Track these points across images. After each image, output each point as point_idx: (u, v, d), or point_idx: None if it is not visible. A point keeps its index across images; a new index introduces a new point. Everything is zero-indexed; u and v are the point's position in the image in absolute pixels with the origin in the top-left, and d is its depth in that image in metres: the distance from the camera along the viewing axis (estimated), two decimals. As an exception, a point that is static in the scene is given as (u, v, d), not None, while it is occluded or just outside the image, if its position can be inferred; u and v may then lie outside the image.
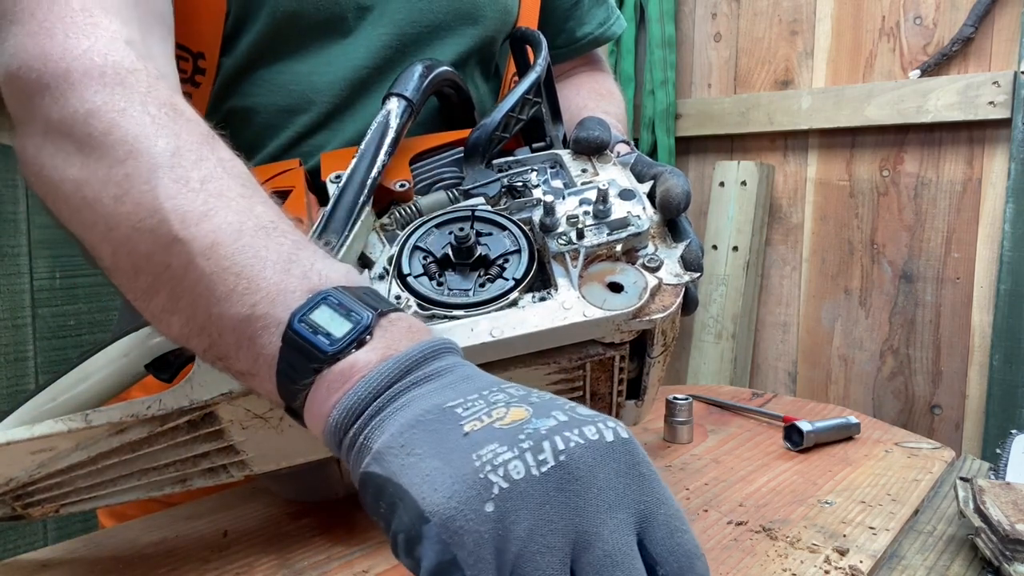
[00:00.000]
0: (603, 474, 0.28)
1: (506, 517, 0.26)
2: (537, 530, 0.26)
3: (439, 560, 0.26)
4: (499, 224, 0.48)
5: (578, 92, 0.80)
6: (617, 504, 0.27)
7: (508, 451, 0.27)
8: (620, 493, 0.28)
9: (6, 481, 0.45)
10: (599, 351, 0.45)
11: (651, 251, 0.46)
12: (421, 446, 0.28)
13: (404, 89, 0.55)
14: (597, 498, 0.27)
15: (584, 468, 0.27)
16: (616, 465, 0.28)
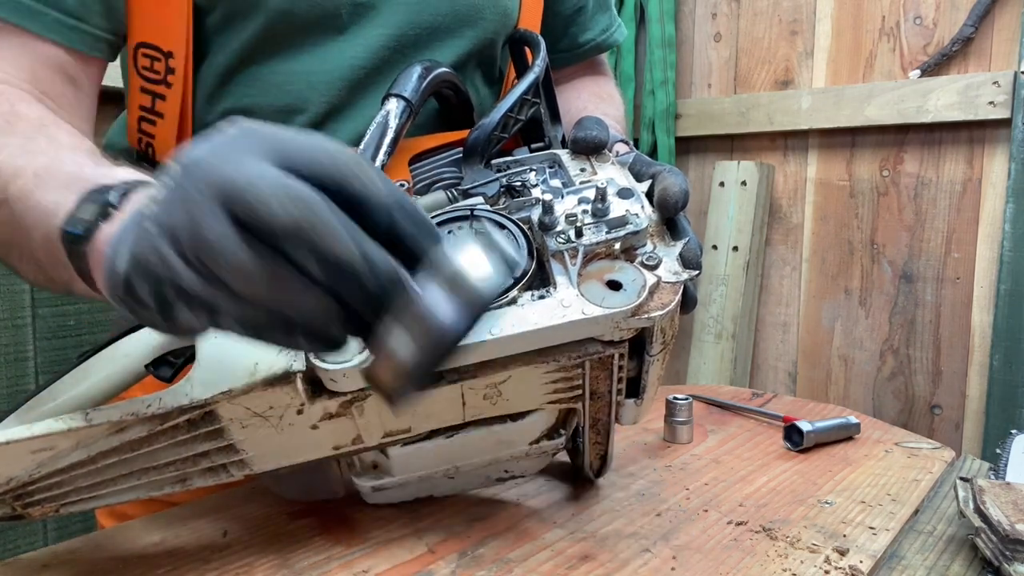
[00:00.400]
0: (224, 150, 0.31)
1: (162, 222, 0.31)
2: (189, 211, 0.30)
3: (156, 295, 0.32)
4: (498, 223, 0.48)
5: (579, 96, 0.80)
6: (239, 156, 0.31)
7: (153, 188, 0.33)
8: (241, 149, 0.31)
9: (6, 480, 0.45)
10: (598, 349, 0.45)
11: (650, 249, 0.46)
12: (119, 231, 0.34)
13: (403, 90, 0.55)
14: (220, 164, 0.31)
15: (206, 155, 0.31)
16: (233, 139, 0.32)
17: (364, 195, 0.31)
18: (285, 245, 0.30)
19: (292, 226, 0.29)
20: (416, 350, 0.30)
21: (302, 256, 0.30)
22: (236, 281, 0.30)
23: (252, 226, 0.29)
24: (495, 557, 0.48)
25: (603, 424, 0.53)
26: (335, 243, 0.30)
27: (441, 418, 0.47)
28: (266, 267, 0.30)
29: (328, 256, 0.30)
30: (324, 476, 0.54)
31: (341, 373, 0.41)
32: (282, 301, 0.31)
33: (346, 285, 0.30)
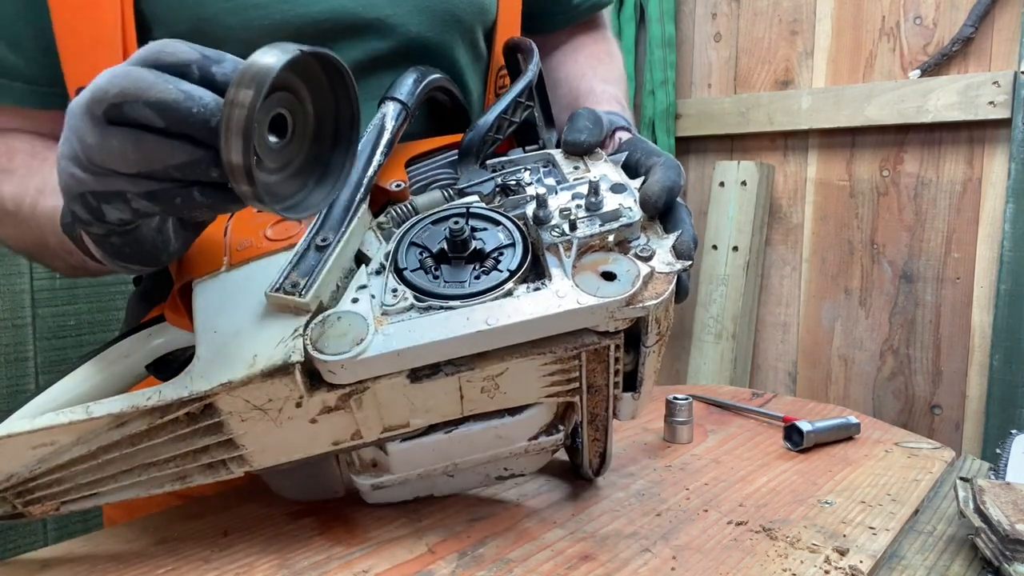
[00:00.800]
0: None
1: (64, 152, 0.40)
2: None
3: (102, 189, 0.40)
4: (493, 220, 0.49)
5: (575, 60, 0.81)
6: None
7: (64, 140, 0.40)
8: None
9: (7, 477, 0.45)
10: (594, 340, 0.45)
11: (643, 241, 0.47)
12: None
13: (399, 93, 0.56)
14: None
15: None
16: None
17: (182, 59, 0.37)
18: (126, 112, 0.36)
19: (119, 94, 0.36)
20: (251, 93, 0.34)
21: (143, 115, 0.36)
22: (117, 164, 0.37)
23: (107, 113, 0.37)
24: (495, 557, 0.48)
25: (601, 420, 0.53)
26: (157, 92, 0.36)
27: (439, 412, 0.47)
28: (127, 139, 0.36)
29: (156, 103, 0.36)
30: (324, 475, 0.54)
31: (339, 364, 0.41)
32: (155, 160, 0.37)
33: (185, 122, 0.36)
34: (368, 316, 0.43)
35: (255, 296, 0.45)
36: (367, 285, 0.46)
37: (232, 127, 0.34)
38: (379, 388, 0.44)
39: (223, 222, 0.52)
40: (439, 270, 0.46)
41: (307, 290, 0.44)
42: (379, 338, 0.42)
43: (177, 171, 0.37)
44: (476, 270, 0.46)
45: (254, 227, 0.51)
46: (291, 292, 0.44)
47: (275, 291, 0.44)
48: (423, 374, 0.44)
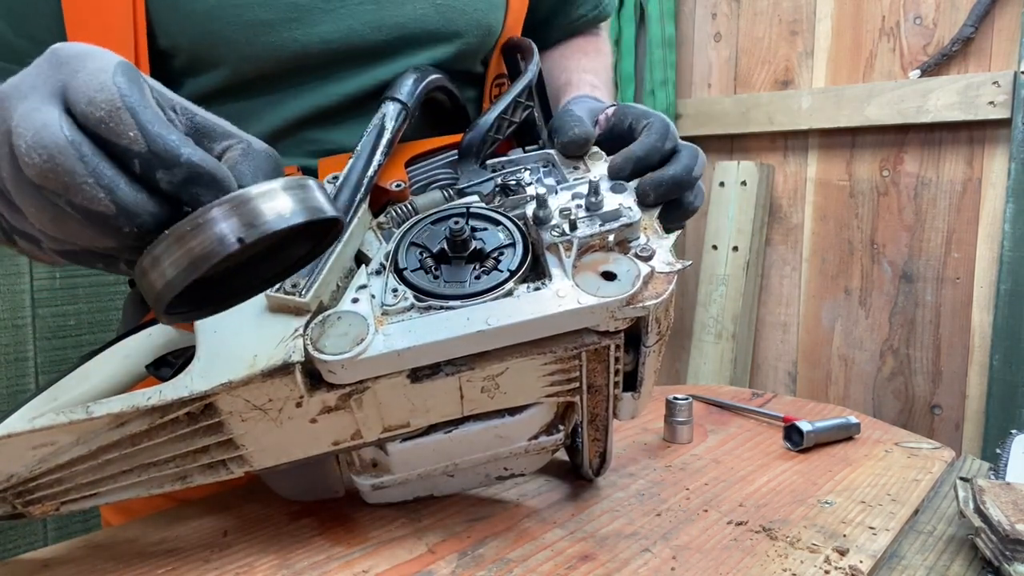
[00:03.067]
0: (24, 83, 0.34)
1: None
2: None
3: None
4: (493, 220, 0.49)
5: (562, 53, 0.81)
6: (28, 94, 0.33)
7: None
8: (35, 86, 0.33)
9: (7, 477, 0.45)
10: (594, 340, 0.45)
11: (643, 241, 0.47)
12: None
13: (399, 93, 0.56)
14: (15, 99, 0.33)
15: (10, 89, 0.34)
16: (38, 71, 0.34)
17: (122, 142, 0.32)
18: (44, 193, 0.32)
19: (40, 177, 0.31)
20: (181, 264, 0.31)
21: (61, 203, 0.32)
22: (32, 221, 0.33)
23: (27, 175, 0.32)
24: (495, 557, 0.48)
25: (601, 419, 0.53)
26: (82, 194, 0.31)
27: (439, 412, 0.47)
28: (44, 211, 0.33)
29: (79, 205, 0.32)
30: (324, 475, 0.54)
31: (340, 364, 0.41)
32: (70, 235, 0.33)
33: (109, 229, 0.32)
34: (368, 316, 0.43)
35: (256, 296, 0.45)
36: (367, 285, 0.46)
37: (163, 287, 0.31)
38: (379, 388, 0.44)
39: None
40: (439, 270, 0.46)
41: (307, 290, 0.44)
42: (379, 338, 0.42)
43: (100, 250, 0.34)
44: (476, 270, 0.46)
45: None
46: (291, 292, 0.44)
47: (275, 291, 0.44)
48: (423, 374, 0.44)
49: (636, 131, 0.54)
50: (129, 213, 0.32)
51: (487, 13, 0.66)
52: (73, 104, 0.32)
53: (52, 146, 0.31)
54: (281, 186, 0.32)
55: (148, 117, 0.33)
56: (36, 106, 0.32)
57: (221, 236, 0.30)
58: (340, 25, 0.59)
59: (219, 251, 0.30)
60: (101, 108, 0.32)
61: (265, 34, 0.57)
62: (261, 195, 0.31)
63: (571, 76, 0.76)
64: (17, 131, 0.32)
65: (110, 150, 0.32)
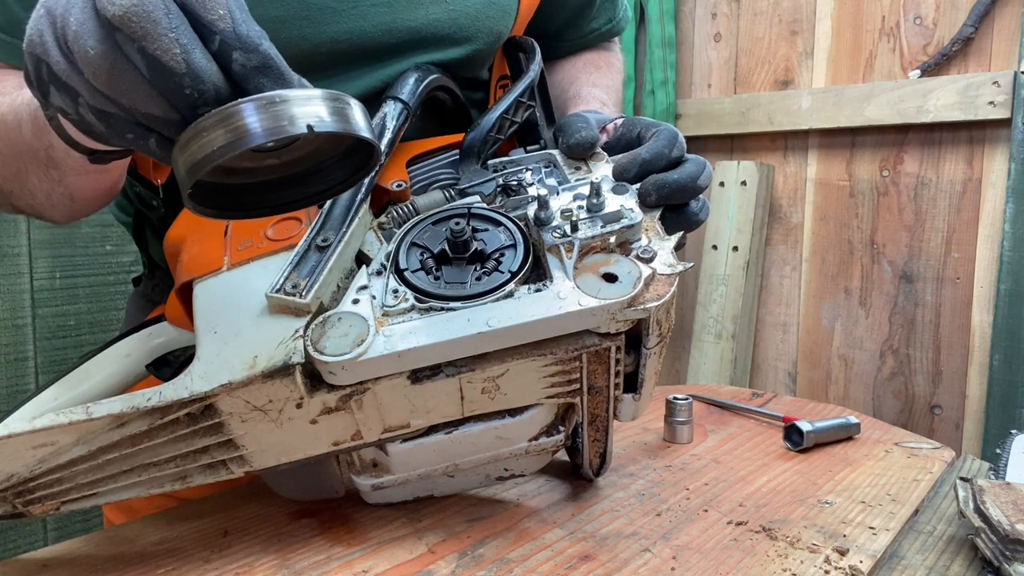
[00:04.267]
0: None
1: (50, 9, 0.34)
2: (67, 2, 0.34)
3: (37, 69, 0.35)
4: (494, 220, 0.49)
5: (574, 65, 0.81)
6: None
7: None
8: None
9: (7, 477, 0.45)
10: (595, 342, 0.45)
11: (644, 243, 0.47)
12: None
13: (400, 93, 0.55)
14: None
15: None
16: None
17: (210, 19, 0.33)
18: (117, 37, 0.32)
19: (123, 19, 0.31)
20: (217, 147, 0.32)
21: (131, 51, 0.32)
22: (87, 68, 0.33)
23: (101, 17, 0.32)
24: (495, 557, 0.48)
25: (602, 420, 0.53)
26: (159, 44, 0.32)
27: (440, 413, 0.47)
28: (107, 58, 0.32)
29: (151, 54, 0.32)
30: (324, 475, 0.54)
31: (340, 366, 0.41)
32: (120, 92, 0.33)
33: (169, 87, 0.33)
34: (369, 317, 0.43)
35: (255, 296, 0.45)
36: (368, 286, 0.46)
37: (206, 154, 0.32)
38: (380, 389, 0.44)
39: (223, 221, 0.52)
40: (440, 271, 0.46)
41: (308, 291, 0.44)
42: (380, 339, 0.42)
43: (142, 116, 0.34)
44: (477, 271, 0.46)
45: (255, 227, 0.51)
46: (291, 293, 0.44)
47: (275, 292, 0.44)
48: (424, 375, 0.44)
49: (644, 139, 0.54)
50: (196, 76, 0.32)
51: (498, 20, 0.66)
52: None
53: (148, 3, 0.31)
54: (332, 97, 0.34)
55: (240, 7, 0.34)
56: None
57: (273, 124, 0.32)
58: (351, 26, 0.59)
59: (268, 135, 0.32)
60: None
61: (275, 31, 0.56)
62: (321, 98, 0.33)
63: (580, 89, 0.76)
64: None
65: (195, 20, 0.33)
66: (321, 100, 0.33)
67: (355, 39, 0.59)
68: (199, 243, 0.51)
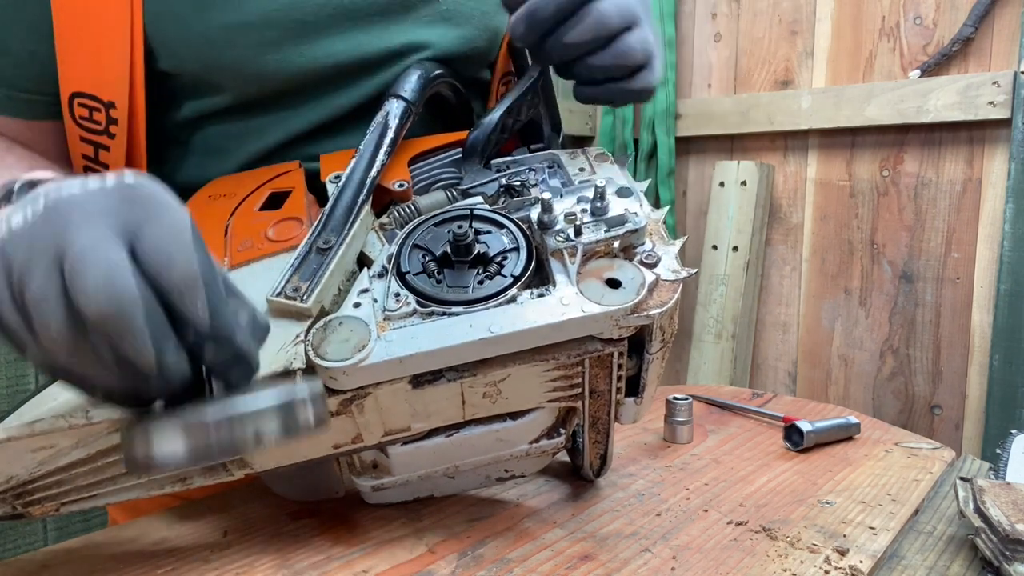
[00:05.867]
0: (92, 202, 0.33)
1: (7, 255, 0.33)
2: (28, 255, 0.32)
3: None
4: (497, 222, 0.48)
5: None
6: (98, 220, 0.32)
7: (16, 209, 0.34)
8: (105, 213, 0.33)
9: (6, 479, 0.45)
10: (597, 347, 0.45)
11: (648, 248, 0.47)
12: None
13: (403, 90, 0.55)
14: (79, 219, 0.32)
15: (70, 204, 0.33)
16: (108, 199, 0.33)
17: (189, 315, 0.33)
18: (90, 330, 0.31)
19: (98, 319, 0.31)
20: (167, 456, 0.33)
21: (98, 341, 0.32)
22: (44, 339, 0.32)
23: (72, 307, 0.31)
24: (495, 557, 0.48)
25: (603, 423, 0.53)
26: (132, 346, 0.31)
27: (441, 417, 0.47)
28: (70, 342, 0.32)
29: (122, 354, 0.32)
30: (324, 476, 0.54)
31: (341, 371, 0.41)
32: (76, 366, 0.33)
33: (135, 379, 0.33)
34: (370, 321, 0.43)
35: (256, 298, 0.45)
36: (369, 289, 0.45)
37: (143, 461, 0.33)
38: (381, 394, 0.44)
39: (223, 221, 0.52)
40: (442, 274, 0.46)
41: (308, 295, 0.44)
42: (381, 344, 0.42)
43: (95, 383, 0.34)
44: (480, 275, 0.46)
45: (255, 228, 0.51)
46: (292, 297, 0.44)
47: (276, 296, 0.44)
48: (425, 380, 0.44)
49: None
50: (166, 375, 0.32)
51: (493, 16, 0.66)
52: (145, 255, 0.32)
53: (122, 296, 0.31)
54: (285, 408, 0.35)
55: (217, 294, 0.34)
56: (102, 240, 0.32)
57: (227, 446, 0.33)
58: (348, 40, 0.59)
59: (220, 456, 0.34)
60: (178, 275, 0.32)
61: (274, 52, 0.56)
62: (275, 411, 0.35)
63: None
64: (81, 262, 0.31)
65: (172, 311, 0.33)
66: (275, 414, 0.35)
67: (354, 52, 0.59)
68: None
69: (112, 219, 0.33)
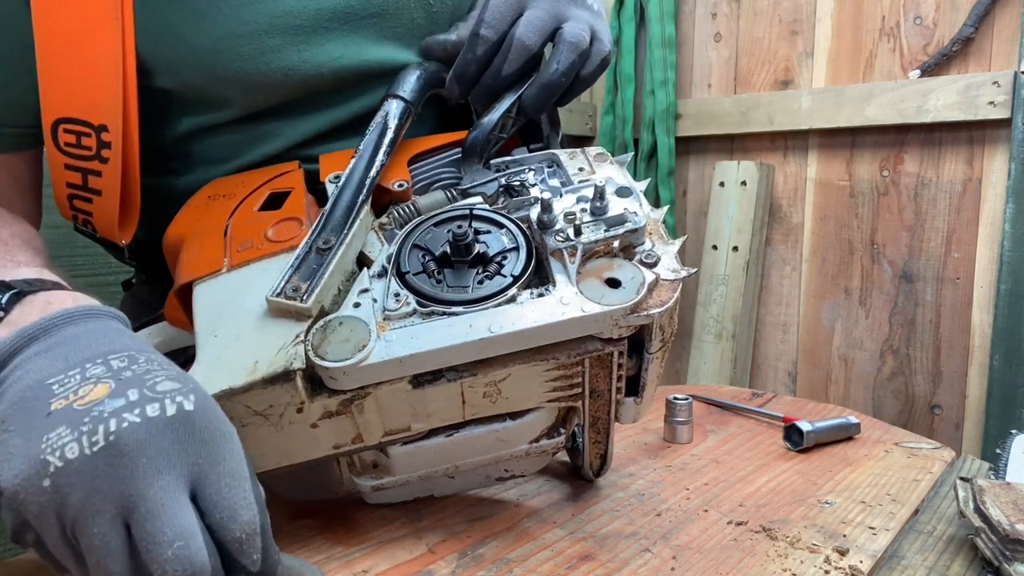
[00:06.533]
0: (155, 445, 0.32)
1: (61, 490, 0.31)
2: (88, 499, 0.31)
3: (15, 521, 0.32)
4: (497, 222, 0.48)
5: None
6: (165, 469, 0.32)
7: (70, 433, 0.32)
8: (171, 459, 0.32)
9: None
10: (597, 347, 0.45)
11: (648, 247, 0.46)
12: (15, 423, 0.33)
13: (402, 90, 0.55)
14: (145, 466, 0.31)
15: (133, 443, 0.32)
16: (173, 435, 0.33)
17: (245, 563, 0.33)
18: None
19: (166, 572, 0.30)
20: None
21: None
22: (93, 568, 0.31)
23: (135, 554, 0.31)
24: (495, 557, 0.48)
25: (603, 423, 0.53)
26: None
27: (441, 416, 0.47)
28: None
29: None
30: (324, 476, 0.54)
31: (341, 371, 0.41)
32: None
33: None
34: (370, 321, 0.43)
35: (256, 299, 0.45)
36: (369, 288, 0.45)
37: None
38: (381, 394, 0.44)
39: (223, 221, 0.52)
40: (442, 274, 0.46)
41: (308, 295, 0.44)
42: (381, 344, 0.42)
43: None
44: (479, 274, 0.46)
45: (255, 228, 0.51)
46: (292, 297, 0.44)
47: (276, 296, 0.44)
48: (425, 380, 0.44)
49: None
50: None
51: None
52: (210, 505, 0.33)
53: (198, 569, 0.31)
54: None
55: (269, 540, 0.34)
56: (172, 497, 0.31)
57: None
58: (348, 45, 0.59)
59: None
60: (240, 528, 0.33)
61: (275, 59, 0.56)
62: None
63: None
64: (153, 523, 0.31)
65: (227, 557, 0.33)
66: None
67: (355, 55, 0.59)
68: (199, 243, 0.51)
69: (178, 466, 0.32)
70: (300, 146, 0.61)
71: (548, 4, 0.56)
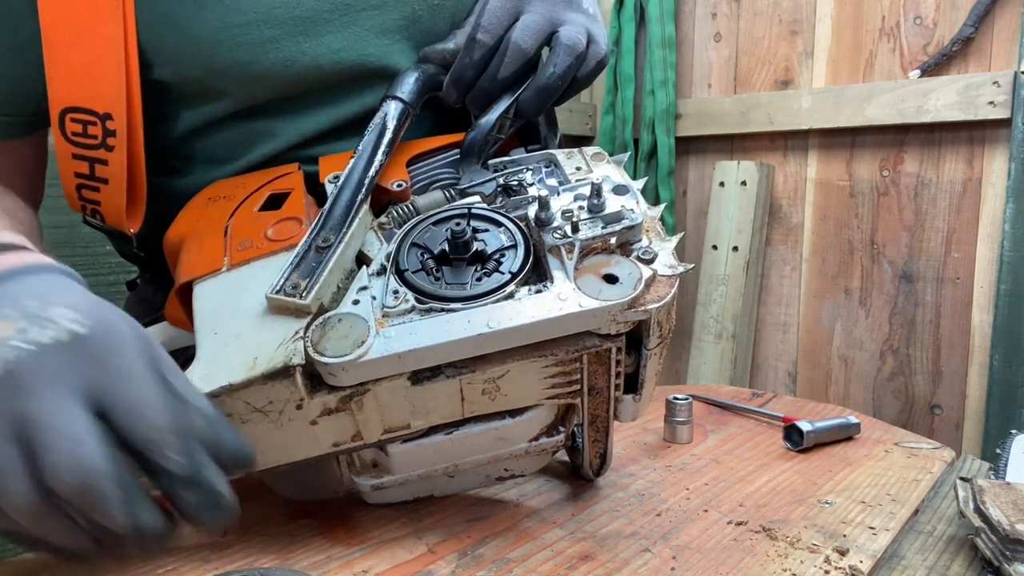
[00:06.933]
0: (47, 366, 0.32)
1: None
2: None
3: None
4: (495, 220, 0.49)
5: None
6: (56, 384, 0.32)
7: None
8: (62, 375, 0.32)
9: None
10: (595, 343, 0.45)
11: (645, 244, 0.47)
12: None
13: (400, 92, 0.55)
14: (35, 384, 0.32)
15: (26, 367, 0.32)
16: (65, 356, 0.33)
17: (162, 466, 0.33)
18: (60, 502, 0.31)
19: (68, 494, 0.31)
20: None
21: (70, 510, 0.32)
22: (6, 505, 0.31)
23: (43, 485, 0.31)
24: (495, 557, 0.48)
25: (602, 421, 0.53)
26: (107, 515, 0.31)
27: (440, 414, 0.47)
28: (37, 508, 0.31)
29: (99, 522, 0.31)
30: (324, 475, 0.54)
31: (340, 367, 0.41)
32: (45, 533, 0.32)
33: (109, 540, 0.32)
34: (369, 318, 0.43)
35: (256, 297, 0.45)
36: (368, 286, 0.46)
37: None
38: (380, 390, 0.44)
39: (223, 221, 0.52)
40: (440, 271, 0.46)
41: (308, 292, 0.44)
42: (380, 340, 0.42)
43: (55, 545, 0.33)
44: (478, 272, 0.46)
45: (255, 227, 0.51)
46: (292, 294, 0.44)
47: (276, 293, 0.44)
48: (424, 376, 0.44)
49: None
50: (140, 536, 0.32)
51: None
52: (112, 413, 0.33)
53: (91, 470, 0.31)
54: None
55: (192, 440, 0.34)
56: (65, 409, 0.32)
57: None
58: (347, 34, 0.59)
59: None
60: (146, 430, 0.33)
61: (273, 50, 0.56)
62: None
63: None
64: (45, 436, 0.31)
65: (146, 466, 0.33)
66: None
67: (354, 47, 0.59)
68: (199, 243, 0.51)
69: (73, 381, 0.33)
70: (300, 146, 0.61)
71: (544, 8, 0.57)
